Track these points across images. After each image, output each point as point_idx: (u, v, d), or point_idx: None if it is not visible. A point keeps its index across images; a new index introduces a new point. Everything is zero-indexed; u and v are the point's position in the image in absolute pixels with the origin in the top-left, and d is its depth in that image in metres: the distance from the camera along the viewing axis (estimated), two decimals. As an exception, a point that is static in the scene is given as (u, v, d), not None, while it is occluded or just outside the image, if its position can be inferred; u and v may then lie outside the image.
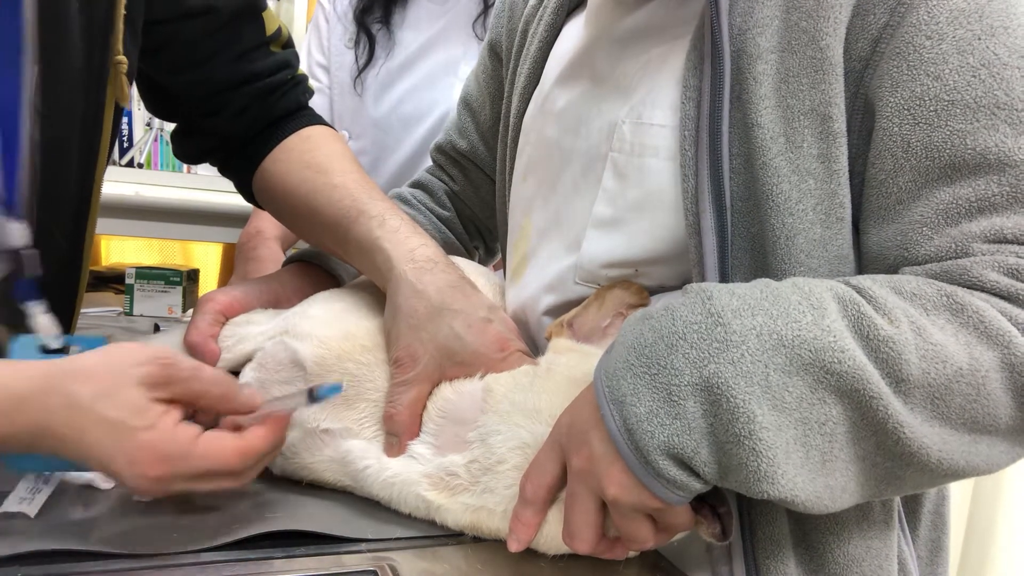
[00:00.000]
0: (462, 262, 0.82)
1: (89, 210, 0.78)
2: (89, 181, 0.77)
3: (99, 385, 0.55)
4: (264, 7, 0.86)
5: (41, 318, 0.66)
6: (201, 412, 0.61)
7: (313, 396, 0.61)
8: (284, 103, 0.88)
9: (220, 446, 0.57)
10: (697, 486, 0.53)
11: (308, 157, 0.84)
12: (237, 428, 0.61)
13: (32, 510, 0.60)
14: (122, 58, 0.72)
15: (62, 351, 0.65)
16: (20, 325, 0.81)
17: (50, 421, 0.54)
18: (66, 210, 0.75)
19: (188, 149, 0.91)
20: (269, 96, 0.87)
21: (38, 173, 0.69)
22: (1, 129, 0.64)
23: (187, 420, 0.58)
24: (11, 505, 0.59)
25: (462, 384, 0.67)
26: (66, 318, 0.82)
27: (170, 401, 0.57)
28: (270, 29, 0.86)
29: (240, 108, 0.85)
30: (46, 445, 0.55)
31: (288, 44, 0.90)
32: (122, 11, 0.71)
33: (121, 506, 0.62)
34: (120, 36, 0.72)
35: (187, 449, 0.56)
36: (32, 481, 0.62)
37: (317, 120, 0.91)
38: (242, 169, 0.90)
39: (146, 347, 0.59)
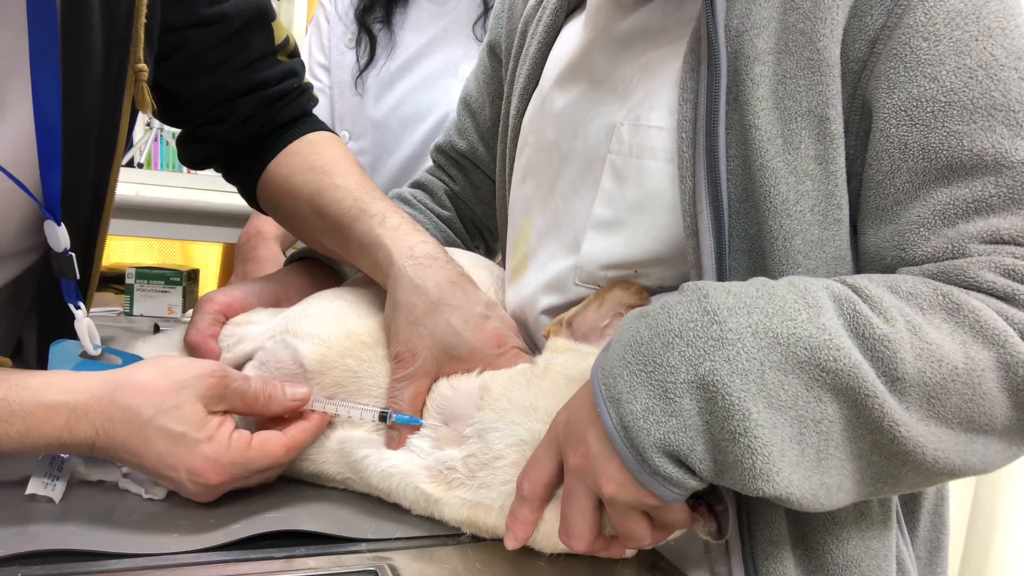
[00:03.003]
0: (463, 254, 0.82)
1: (102, 217, 0.80)
2: (103, 188, 0.78)
3: (160, 399, 0.59)
4: (274, 16, 0.87)
5: (84, 322, 0.69)
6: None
7: (385, 417, 0.66)
8: (289, 111, 0.89)
9: (271, 446, 0.63)
10: (693, 483, 0.53)
11: (311, 160, 0.85)
12: (275, 419, 0.67)
13: (56, 495, 0.61)
14: (143, 66, 0.74)
15: (99, 358, 0.69)
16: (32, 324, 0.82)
17: (112, 432, 0.58)
18: (81, 217, 0.76)
19: (193, 155, 0.92)
20: (275, 104, 0.88)
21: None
22: (43, 135, 0.66)
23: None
24: (36, 488, 0.61)
25: (459, 380, 0.67)
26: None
27: (224, 412, 0.63)
28: (278, 38, 0.88)
29: (246, 116, 0.86)
30: (106, 452, 0.59)
31: (294, 53, 0.91)
32: (143, 20, 0.73)
33: (122, 506, 0.62)
34: (140, 45, 0.73)
35: (243, 456, 0.61)
36: (48, 465, 0.63)
37: (320, 126, 0.92)
38: (246, 175, 0.90)
39: (199, 361, 0.64)
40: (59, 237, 0.69)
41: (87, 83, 0.70)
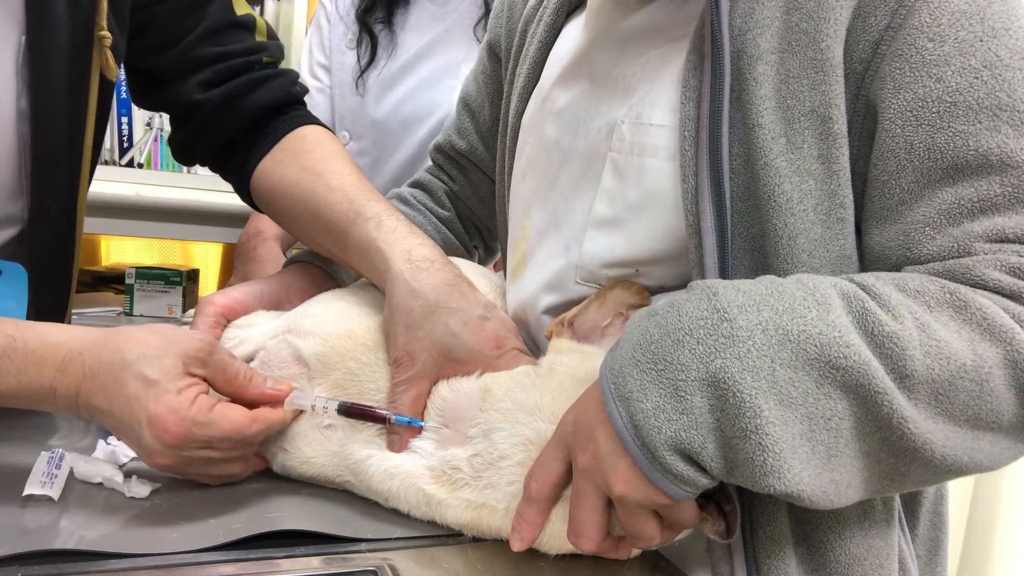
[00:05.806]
0: (462, 263, 0.82)
1: (79, 182, 0.82)
2: (78, 154, 0.81)
3: (146, 348, 0.61)
4: None
5: None
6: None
7: (387, 420, 0.66)
8: (269, 91, 0.89)
9: (234, 412, 0.63)
10: (704, 481, 0.53)
11: (305, 159, 0.84)
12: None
13: (55, 493, 0.61)
14: (106, 33, 0.78)
15: None
16: None
17: (97, 372, 0.60)
18: (59, 182, 0.79)
19: (181, 145, 0.93)
20: (243, 75, 0.89)
21: (28, 144, 0.75)
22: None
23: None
24: (34, 488, 0.61)
25: (459, 383, 0.67)
26: (63, 292, 0.87)
27: (202, 379, 0.63)
28: (239, 10, 0.91)
29: (212, 82, 0.88)
30: (88, 398, 0.61)
31: (271, 36, 0.94)
32: None
33: (122, 506, 0.62)
34: (104, 14, 0.77)
35: (205, 415, 0.61)
36: (46, 464, 0.63)
37: (312, 120, 0.91)
38: (239, 169, 0.90)
39: (193, 331, 0.67)
40: None
41: (51, 48, 0.75)
